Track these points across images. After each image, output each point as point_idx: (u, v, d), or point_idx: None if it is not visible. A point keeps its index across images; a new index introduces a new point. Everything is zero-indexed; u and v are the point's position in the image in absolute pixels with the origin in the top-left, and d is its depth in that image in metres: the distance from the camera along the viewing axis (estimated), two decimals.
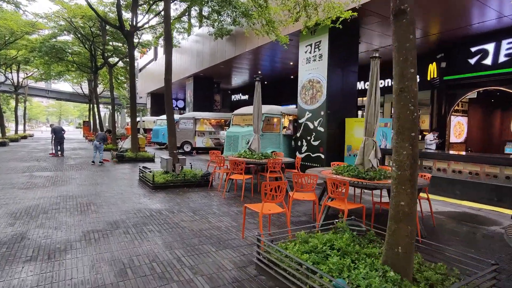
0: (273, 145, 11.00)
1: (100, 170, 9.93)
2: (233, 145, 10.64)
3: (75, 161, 12.16)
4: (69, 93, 42.94)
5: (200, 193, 6.82)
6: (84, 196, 6.17)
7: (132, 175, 9.16)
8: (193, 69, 19.44)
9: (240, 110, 11.66)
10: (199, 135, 17.19)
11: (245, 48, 13.77)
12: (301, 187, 4.80)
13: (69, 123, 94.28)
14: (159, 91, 29.61)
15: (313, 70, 10.24)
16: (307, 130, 10.44)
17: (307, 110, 10.48)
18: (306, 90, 10.55)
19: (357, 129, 9.63)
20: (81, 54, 23.60)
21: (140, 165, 10.57)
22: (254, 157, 7.44)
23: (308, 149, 10.42)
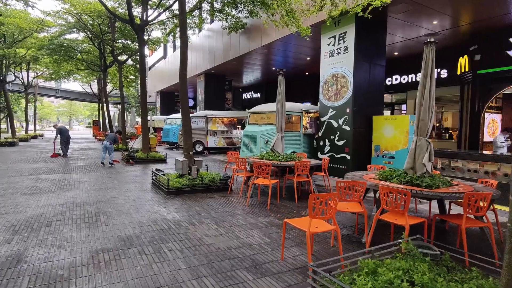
0: (292, 145, 10.26)
1: (110, 172, 9.34)
2: (250, 145, 9.94)
3: (84, 162, 11.62)
4: (78, 92, 42.87)
5: (220, 200, 6.14)
6: (93, 203, 5.54)
7: (144, 177, 8.54)
8: (205, 66, 18.80)
9: (257, 108, 10.95)
10: (211, 135, 16.55)
11: (261, 43, 13.04)
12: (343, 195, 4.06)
13: (79, 122, 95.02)
14: (169, 89, 29.12)
15: (337, 64, 9.46)
16: (331, 129, 9.68)
17: (330, 108, 9.72)
18: (329, 86, 9.78)
19: (387, 128, 8.83)
20: (90, 52, 23.20)
21: (152, 167, 10.01)
22: (278, 159, 6.72)
23: (331, 150, 9.66)
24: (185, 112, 7.29)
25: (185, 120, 7.25)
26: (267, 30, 12.58)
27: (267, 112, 10.43)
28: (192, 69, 21.07)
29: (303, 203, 6.07)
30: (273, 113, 10.18)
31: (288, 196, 6.63)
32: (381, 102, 9.86)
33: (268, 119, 10.34)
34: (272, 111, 10.22)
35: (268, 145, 9.69)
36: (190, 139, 7.31)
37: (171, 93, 31.09)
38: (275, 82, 21.56)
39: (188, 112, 7.29)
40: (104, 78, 22.78)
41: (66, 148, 13.11)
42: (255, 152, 9.78)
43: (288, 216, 5.14)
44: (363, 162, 9.30)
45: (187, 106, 7.28)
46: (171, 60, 26.66)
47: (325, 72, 9.94)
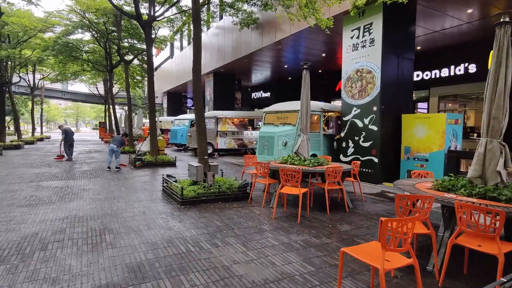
0: (312, 147, 9.45)
1: (117, 177, 8.67)
2: (267, 147, 9.19)
3: (89, 166, 10.98)
4: (84, 94, 42.60)
5: (242, 211, 5.40)
6: (97, 217, 4.84)
7: (154, 184, 7.84)
8: (213, 65, 18.11)
9: (273, 107, 10.20)
10: (221, 136, 15.84)
11: (274, 38, 12.29)
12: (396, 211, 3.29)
13: (86, 124, 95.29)
14: (176, 89, 28.52)
15: (361, 58, 8.66)
16: (355, 129, 8.88)
17: (354, 106, 8.92)
18: (352, 82, 8.98)
19: (419, 127, 8.00)
20: (96, 52, 22.70)
21: (160, 171, 9.31)
22: (305, 164, 5.96)
23: (355, 152, 8.86)
24: (199, 111, 6.57)
25: (199, 121, 6.53)
26: (281, 25, 11.83)
27: (285, 111, 9.67)
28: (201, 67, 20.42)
29: (336, 214, 5.30)
30: (291, 113, 9.43)
31: (316, 206, 5.86)
32: (410, 99, 9.03)
33: (285, 119, 9.58)
34: (290, 111, 9.46)
35: (287, 148, 8.94)
36: (204, 142, 6.59)
37: (178, 93, 30.51)
38: (286, 81, 20.76)
39: (202, 112, 6.57)
40: (110, 78, 22.27)
41: (70, 151, 12.52)
42: (272, 154, 9.04)
43: (324, 232, 4.38)
44: (391, 166, 8.50)
45: (201, 105, 6.55)
46: (178, 59, 26.05)
47: (348, 67, 9.15)
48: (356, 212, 5.52)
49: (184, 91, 29.72)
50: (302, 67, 6.55)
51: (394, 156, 8.51)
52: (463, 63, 11.63)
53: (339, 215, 5.31)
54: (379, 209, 5.76)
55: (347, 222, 4.88)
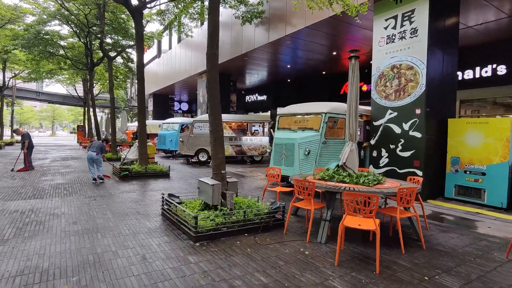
0: (336, 156, 8.01)
1: (99, 194, 6.86)
2: (285, 156, 7.64)
3: (63, 178, 9.05)
4: (62, 95, 39.73)
5: (283, 250, 3.81)
6: (71, 271, 3.12)
7: (148, 203, 6.11)
8: None
9: (289, 109, 8.67)
10: None
11: (284, 32, 10.84)
12: None
13: (63, 128, 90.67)
14: (162, 92, 26.59)
15: (400, 51, 7.32)
16: (390, 135, 7.50)
17: (389, 108, 7.55)
18: (387, 81, 7.62)
19: (472, 134, 6.69)
20: (75, 48, 20.57)
21: (152, 184, 7.46)
22: (361, 182, 4.43)
23: (391, 162, 7.47)
24: (215, 111, 4.93)
25: (215, 124, 4.88)
26: (292, 17, 10.43)
27: (304, 114, 8.17)
28: (191, 68, 18.73)
29: (413, 254, 3.81)
30: (312, 116, 7.95)
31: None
32: (454, 102, 7.76)
33: (305, 123, 8.08)
34: (312, 113, 7.98)
35: (310, 157, 7.43)
36: (221, 151, 4.95)
37: (165, 96, 28.57)
38: (284, 83, 19.24)
39: (219, 112, 4.93)
40: (91, 78, 20.18)
41: (30, 158, 10.57)
42: (292, 165, 7.49)
43: None
44: (437, 180, 7.15)
45: (217, 102, 4.92)
46: (166, 59, 24.21)
47: (381, 63, 7.79)
48: (436, 249, 4.04)
49: (172, 93, 27.84)
50: (350, 57, 5.08)
51: (437, 168, 7.17)
52: (491, 64, 10.57)
53: (419, 255, 3.81)
54: (459, 242, 4.31)
55: (442, 269, 3.39)
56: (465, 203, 6.75)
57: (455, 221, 5.52)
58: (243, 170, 12.11)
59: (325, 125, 7.67)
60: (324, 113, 7.69)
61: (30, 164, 10.55)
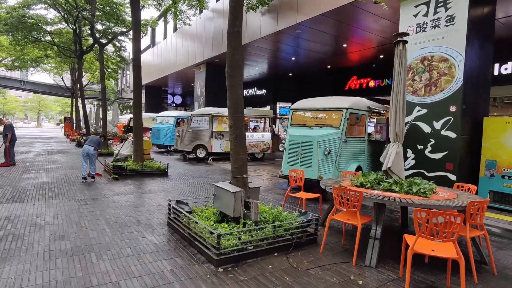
0: (357, 157, 7.28)
1: (90, 197, 5.94)
2: (301, 156, 6.83)
3: (49, 175, 8.06)
4: (48, 85, 37.93)
5: (329, 278, 3.02)
6: None
7: (148, 208, 5.24)
8: (207, 54, 15.50)
9: (303, 104, 7.85)
10: (217, 137, 13.31)
11: (295, 20, 9.98)
12: None
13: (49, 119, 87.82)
14: (156, 84, 25.43)
15: (432, 41, 6.57)
16: (417, 135, 6.78)
17: (417, 105, 6.81)
18: (415, 74, 6.87)
19: (510, 135, 6.03)
20: (63, 34, 19.25)
21: (150, 184, 6.49)
22: (416, 192, 3.66)
23: (418, 165, 6.76)
24: (236, 102, 4.03)
25: (236, 117, 3.99)
26: (304, 4, 9.58)
27: (321, 109, 7.38)
28: (188, 59, 17.69)
29: (486, 281, 3.08)
30: (332, 111, 7.17)
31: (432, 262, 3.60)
32: (488, 98, 7.09)
33: (324, 119, 7.30)
34: (331, 108, 7.20)
35: (330, 158, 6.65)
36: (243, 150, 4.09)
37: (158, 88, 27.39)
38: (285, 77, 18.34)
39: (241, 104, 4.03)
40: (79, 66, 18.89)
41: (12, 152, 9.52)
42: (310, 167, 6.71)
43: None
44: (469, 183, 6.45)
45: (239, 92, 4.03)
46: (160, 49, 23.04)
47: (408, 54, 6.99)
48: (509, 275, 3.33)
49: (165, 85, 26.71)
50: (396, 41, 4.29)
51: (470, 172, 6.50)
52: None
53: (495, 284, 3.08)
54: None
55: None
56: (501, 211, 6.11)
57: (503, 234, 4.84)
58: None
59: (346, 122, 6.91)
60: (345, 108, 6.91)
61: (12, 159, 9.48)
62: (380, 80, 14.19)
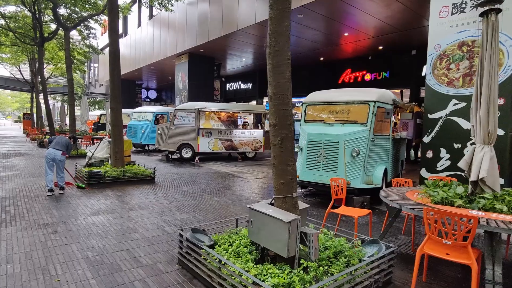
0: (383, 158, 6.31)
1: (62, 220, 4.47)
2: (324, 158, 5.72)
3: (3, 187, 6.37)
4: (3, 78, 34.14)
5: None
6: None
7: (142, 234, 3.90)
8: (190, 43, 13.97)
9: (319, 97, 6.71)
10: (204, 135, 11.95)
11: (299, 2, 8.83)
12: None
13: (6, 116, 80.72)
14: (128, 77, 23.33)
15: (473, 23, 5.68)
16: (453, 131, 5.90)
17: (453, 97, 5.93)
18: (451, 62, 5.97)
19: None
20: (19, 19, 16.82)
21: (136, 194, 4.84)
22: None
23: (454, 166, 5.88)
24: (283, 90, 2.74)
25: (283, 111, 2.73)
26: None
27: (343, 102, 6.30)
28: (166, 49, 16.03)
29: None
30: (356, 105, 6.12)
31: None
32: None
33: (346, 115, 6.23)
34: (355, 101, 6.15)
35: (358, 160, 5.61)
36: (292, 159, 2.86)
37: (131, 81, 25.24)
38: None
39: (288, 93, 2.77)
40: (40, 56, 16.56)
41: None
42: (336, 171, 5.63)
43: None
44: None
45: (289, 75, 2.76)
46: (134, 38, 21.02)
47: (442, 40, 6.11)
48: None
49: (139, 78, 24.64)
50: (486, 10, 3.26)
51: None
52: None
53: None
54: None
55: None
56: None
57: None
58: (238, 170, 10.07)
59: (374, 117, 5.89)
60: (372, 101, 5.90)
61: None
62: (377, 73, 13.46)
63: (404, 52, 12.31)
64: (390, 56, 12.91)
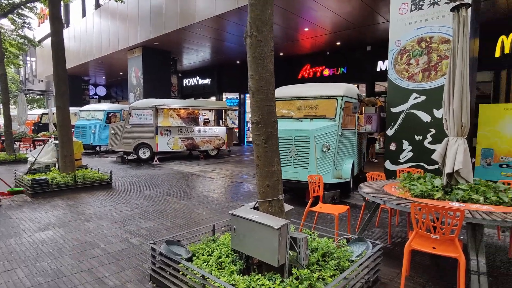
0: (351, 152, 6.40)
1: None
2: (295, 154, 5.61)
3: None
4: None
5: None
6: None
7: (104, 249, 3.44)
8: (144, 35, 13.08)
9: (286, 92, 6.57)
10: (163, 134, 11.32)
11: None
12: None
13: None
14: (72, 72, 21.33)
15: (430, 20, 5.93)
16: (414, 124, 6.15)
17: (414, 91, 6.17)
18: (411, 57, 6.19)
19: (509, 122, 5.77)
20: None
21: (91, 203, 4.26)
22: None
23: (416, 158, 6.16)
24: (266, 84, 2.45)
25: (267, 107, 2.42)
26: None
27: (311, 97, 6.24)
28: (117, 42, 14.89)
29: None
30: (324, 100, 6.10)
31: None
32: (473, 83, 6.81)
33: (314, 110, 6.19)
34: (323, 96, 6.12)
35: (328, 155, 5.60)
36: (277, 159, 2.63)
37: (77, 77, 23.15)
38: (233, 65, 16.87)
39: (271, 87, 2.49)
40: None
41: None
42: (307, 167, 5.56)
43: None
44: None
45: (272, 68, 2.48)
46: (78, 30, 19.23)
47: (402, 36, 6.31)
48: None
49: (86, 74, 22.72)
50: (456, 5, 3.32)
51: None
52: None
53: None
54: None
55: None
56: None
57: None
58: (202, 169, 9.68)
59: (342, 112, 5.92)
60: (340, 96, 5.92)
61: None
62: (335, 69, 13.81)
63: (360, 48, 12.74)
64: (347, 52, 13.29)
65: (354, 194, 6.32)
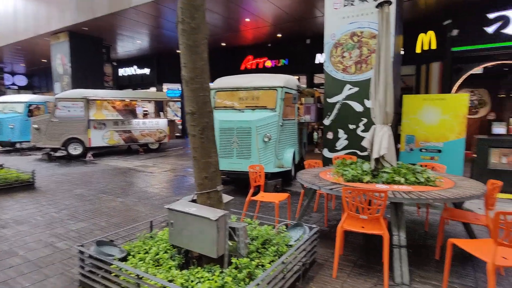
0: (291, 142, 6.62)
1: None
2: (237, 145, 5.60)
3: None
4: None
5: None
6: None
7: (25, 257, 3.07)
8: (69, 19, 11.79)
9: (227, 83, 6.48)
10: (97, 127, 10.49)
11: None
12: None
13: None
14: None
15: (361, 16, 6.31)
16: (348, 114, 6.55)
17: (347, 83, 6.55)
18: (345, 51, 6.56)
19: (428, 111, 6.47)
20: None
21: (9, 207, 3.84)
22: (430, 181, 3.10)
23: (350, 145, 6.59)
24: (201, 73, 2.35)
25: (201, 97, 2.31)
26: None
27: (252, 88, 6.27)
28: (38, 25, 13.24)
29: None
30: (265, 90, 6.18)
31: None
32: (397, 76, 7.47)
33: (255, 101, 6.23)
34: (264, 87, 6.19)
35: (270, 145, 5.71)
36: (214, 150, 2.56)
37: None
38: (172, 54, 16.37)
39: (207, 77, 2.38)
40: None
41: None
42: (250, 157, 5.61)
43: None
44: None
45: (206, 56, 2.38)
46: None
47: (336, 29, 6.62)
48: None
49: (0, 61, 19.86)
50: (380, 2, 3.55)
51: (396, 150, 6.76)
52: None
53: None
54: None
55: None
56: None
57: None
58: (142, 164, 9.22)
59: (282, 102, 6.06)
60: (280, 87, 6.05)
61: None
62: (277, 60, 14.07)
63: (300, 41, 13.14)
64: (288, 44, 13.62)
65: (295, 182, 6.56)
